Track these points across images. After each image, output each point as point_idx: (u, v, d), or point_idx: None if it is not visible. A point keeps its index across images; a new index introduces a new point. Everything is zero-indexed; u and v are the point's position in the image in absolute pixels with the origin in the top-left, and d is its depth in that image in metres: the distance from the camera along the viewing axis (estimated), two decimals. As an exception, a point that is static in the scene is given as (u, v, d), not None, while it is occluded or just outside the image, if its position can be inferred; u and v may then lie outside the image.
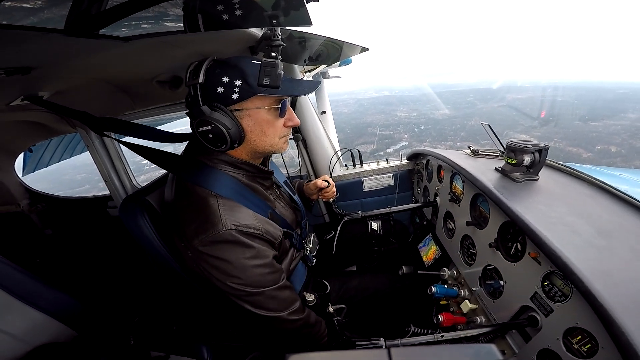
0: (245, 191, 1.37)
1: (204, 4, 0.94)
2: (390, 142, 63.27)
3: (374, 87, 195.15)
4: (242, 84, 1.21)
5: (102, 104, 1.97)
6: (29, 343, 1.45)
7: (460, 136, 69.37)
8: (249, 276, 1.27)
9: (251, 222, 1.29)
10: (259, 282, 1.30)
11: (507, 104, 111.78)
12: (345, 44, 2.09)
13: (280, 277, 1.38)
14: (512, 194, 1.54)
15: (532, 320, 1.29)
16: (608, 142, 61.98)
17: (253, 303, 1.31)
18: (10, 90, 1.37)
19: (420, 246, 2.37)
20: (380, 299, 1.88)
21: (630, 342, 0.84)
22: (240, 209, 1.30)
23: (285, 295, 1.39)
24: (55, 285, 1.59)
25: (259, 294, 1.30)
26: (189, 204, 1.31)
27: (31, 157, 3.56)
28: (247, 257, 1.26)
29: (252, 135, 1.32)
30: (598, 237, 1.23)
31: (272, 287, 1.33)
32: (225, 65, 1.22)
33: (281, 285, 1.37)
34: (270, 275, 1.33)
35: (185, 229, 1.28)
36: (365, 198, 2.91)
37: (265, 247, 1.33)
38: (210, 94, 1.21)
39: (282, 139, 1.41)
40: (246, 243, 1.25)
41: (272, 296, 1.34)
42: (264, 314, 1.33)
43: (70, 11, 0.72)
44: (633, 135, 64.73)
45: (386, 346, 1.37)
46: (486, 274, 1.64)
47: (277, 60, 1.13)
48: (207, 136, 1.24)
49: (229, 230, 1.22)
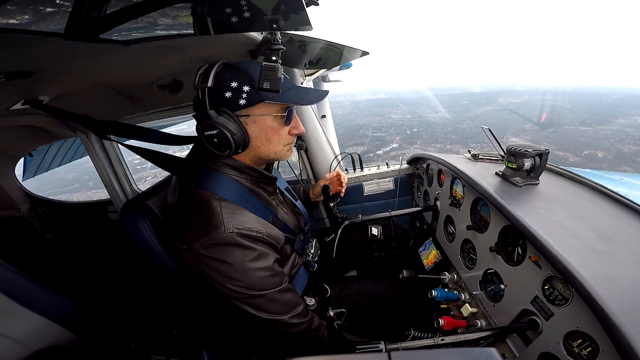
0: (249, 195, 1.38)
1: (205, 8, 0.94)
2: (381, 144, 63.34)
3: (371, 89, 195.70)
4: (250, 90, 1.22)
5: (102, 108, 1.97)
6: (29, 347, 1.45)
7: (451, 139, 69.42)
8: (250, 278, 1.27)
9: (253, 225, 1.29)
10: (261, 284, 1.30)
11: (500, 107, 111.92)
12: (346, 48, 2.09)
13: (282, 279, 1.38)
14: (512, 198, 1.54)
15: (532, 324, 1.28)
16: (596, 147, 62.03)
17: (254, 306, 1.31)
18: (11, 94, 1.38)
19: (421, 250, 2.36)
20: (380, 303, 1.88)
21: (631, 346, 0.83)
22: (242, 212, 1.30)
23: (288, 298, 1.39)
24: (55, 290, 1.59)
25: (261, 297, 1.30)
26: (192, 206, 1.31)
27: (31, 161, 3.56)
28: (249, 260, 1.26)
29: (257, 141, 1.33)
30: (598, 241, 1.22)
31: (274, 290, 1.33)
32: (235, 70, 1.23)
33: (283, 288, 1.37)
34: (271, 278, 1.33)
35: (187, 231, 1.28)
36: (366, 202, 2.91)
37: (267, 250, 1.33)
38: (218, 98, 1.22)
39: (286, 147, 1.42)
40: (248, 246, 1.25)
41: (274, 299, 1.33)
42: (266, 317, 1.33)
43: (70, 15, 0.73)
44: (621, 140, 64.81)
45: (386, 350, 1.36)
46: (487, 277, 1.63)
47: (277, 64, 1.14)
48: (212, 140, 1.25)
49: (231, 233, 1.22)
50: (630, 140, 64.98)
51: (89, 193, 34.77)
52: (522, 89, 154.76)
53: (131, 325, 2.58)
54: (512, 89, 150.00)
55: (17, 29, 0.70)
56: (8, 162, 3.04)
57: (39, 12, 0.70)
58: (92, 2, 0.73)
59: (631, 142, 63.90)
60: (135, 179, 2.92)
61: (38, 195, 3.36)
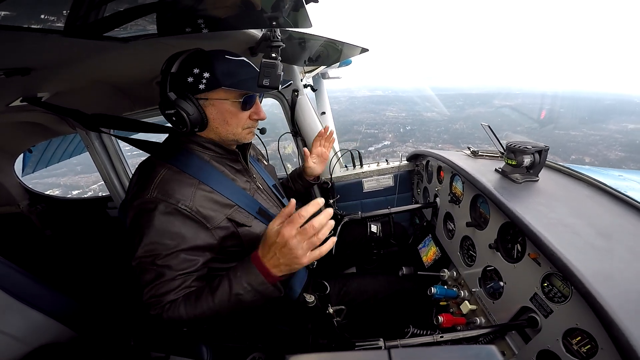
0: (211, 170, 1.43)
1: (205, 5, 0.94)
2: (374, 140, 63.19)
3: (368, 86, 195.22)
4: (209, 76, 1.29)
5: (101, 105, 1.97)
6: (28, 344, 1.45)
7: (443, 138, 69.31)
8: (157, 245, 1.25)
9: (182, 197, 1.28)
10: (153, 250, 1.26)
11: (494, 109, 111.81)
12: (345, 45, 2.09)
13: (188, 266, 1.31)
14: (512, 194, 1.54)
15: (531, 321, 1.29)
16: (584, 152, 61.91)
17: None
18: (10, 91, 1.38)
19: (420, 247, 2.36)
20: (380, 300, 1.88)
21: (630, 343, 0.84)
22: (182, 183, 1.32)
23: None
24: (55, 286, 1.59)
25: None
26: (141, 172, 1.42)
27: (31, 157, 3.55)
28: (160, 228, 1.25)
29: (215, 122, 1.40)
30: (598, 238, 1.23)
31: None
32: (199, 58, 1.31)
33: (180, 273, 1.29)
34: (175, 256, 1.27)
35: (129, 190, 1.43)
36: (365, 199, 2.91)
37: (190, 228, 1.31)
38: (180, 82, 1.30)
39: (245, 130, 1.48)
40: (159, 216, 1.26)
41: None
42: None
43: (70, 12, 0.72)
44: (609, 146, 64.71)
45: (386, 347, 1.37)
46: (486, 274, 1.64)
47: (277, 61, 1.16)
48: (171, 119, 1.34)
49: (155, 198, 1.26)
50: (617, 146, 64.95)
51: (76, 178, 34.23)
52: (518, 91, 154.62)
53: (130, 322, 2.58)
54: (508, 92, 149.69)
55: (16, 26, 0.70)
56: (7, 158, 3.03)
57: (39, 9, 0.69)
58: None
59: (618, 149, 63.88)
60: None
61: (37, 192, 3.36)
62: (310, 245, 1.13)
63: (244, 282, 1.21)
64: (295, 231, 1.10)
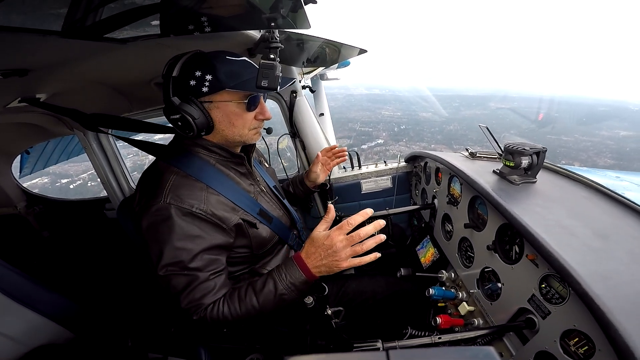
0: (217, 174, 1.44)
1: (203, 6, 0.94)
2: (367, 139, 63.03)
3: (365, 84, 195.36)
4: (212, 79, 1.28)
5: (99, 106, 1.97)
6: (26, 345, 1.45)
7: (437, 139, 69.16)
8: (173, 252, 1.27)
9: (195, 202, 1.31)
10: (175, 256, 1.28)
11: (490, 111, 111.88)
12: (344, 46, 2.09)
13: (215, 266, 1.35)
14: (509, 196, 1.54)
15: (529, 322, 1.29)
16: (574, 158, 61.81)
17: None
18: (8, 92, 1.38)
19: (418, 248, 2.36)
20: (378, 301, 1.88)
21: (627, 345, 0.84)
22: (193, 187, 1.34)
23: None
24: (52, 288, 1.59)
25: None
26: (149, 177, 1.41)
27: (28, 159, 3.54)
28: (177, 237, 1.27)
29: (221, 125, 1.40)
30: (595, 240, 1.23)
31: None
32: (200, 60, 1.29)
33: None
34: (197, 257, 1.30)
35: (136, 196, 1.42)
36: (364, 200, 2.91)
37: (208, 229, 1.34)
38: (183, 86, 1.29)
39: (251, 131, 1.48)
40: (179, 220, 1.28)
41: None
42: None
43: (68, 13, 0.72)
44: (599, 153, 64.70)
45: (384, 348, 1.37)
46: (484, 276, 1.64)
47: (275, 62, 1.16)
48: (176, 124, 1.33)
49: (168, 204, 1.27)
50: (607, 153, 64.93)
51: (66, 166, 33.93)
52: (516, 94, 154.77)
53: (128, 323, 2.57)
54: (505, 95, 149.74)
55: (14, 27, 0.70)
56: (5, 160, 3.03)
57: (37, 11, 0.69)
58: (89, 1, 0.73)
59: (608, 155, 63.87)
60: (133, 178, 2.92)
61: (35, 193, 3.35)
62: (352, 252, 1.25)
63: (288, 282, 1.31)
64: (343, 236, 1.24)
